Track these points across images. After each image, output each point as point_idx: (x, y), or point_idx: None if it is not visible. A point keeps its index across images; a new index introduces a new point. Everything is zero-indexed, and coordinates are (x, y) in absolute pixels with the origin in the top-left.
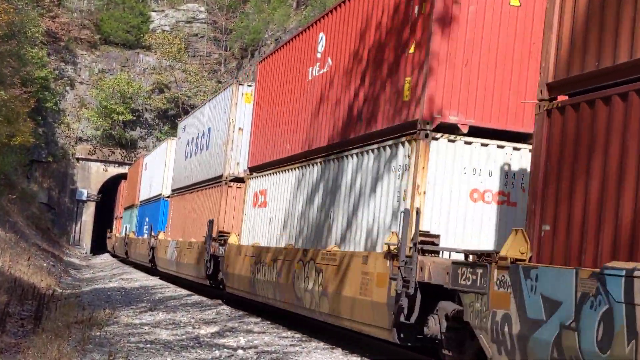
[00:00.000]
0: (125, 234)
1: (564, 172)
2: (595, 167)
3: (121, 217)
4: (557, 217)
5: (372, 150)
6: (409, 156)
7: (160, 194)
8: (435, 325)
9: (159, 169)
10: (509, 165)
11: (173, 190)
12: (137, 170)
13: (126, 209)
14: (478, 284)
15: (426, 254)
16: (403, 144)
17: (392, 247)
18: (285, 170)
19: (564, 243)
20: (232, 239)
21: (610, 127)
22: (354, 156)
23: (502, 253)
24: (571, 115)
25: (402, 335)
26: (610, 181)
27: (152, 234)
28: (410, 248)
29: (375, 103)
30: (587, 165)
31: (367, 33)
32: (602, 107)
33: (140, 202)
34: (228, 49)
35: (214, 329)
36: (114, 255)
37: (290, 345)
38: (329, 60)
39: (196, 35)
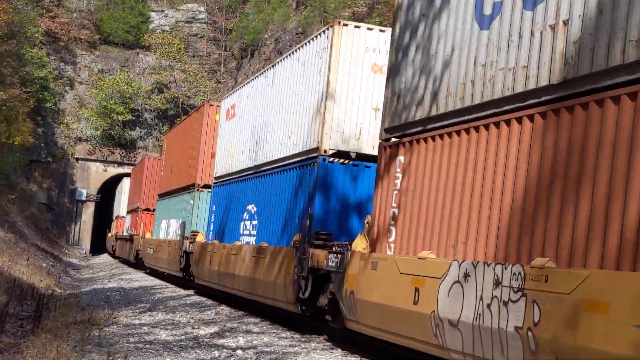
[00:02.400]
0: (182, 235)
1: None
2: None
3: (146, 211)
4: None
5: None
6: None
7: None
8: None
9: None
10: None
11: None
12: (195, 129)
13: (163, 196)
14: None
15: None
16: None
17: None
18: None
19: None
20: None
21: None
22: None
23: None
24: None
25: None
26: None
27: (348, 246)
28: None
29: None
30: None
31: None
32: None
33: (219, 179)
34: (228, 49)
35: (213, 329)
36: (132, 265)
37: (290, 345)
38: None
39: (196, 35)
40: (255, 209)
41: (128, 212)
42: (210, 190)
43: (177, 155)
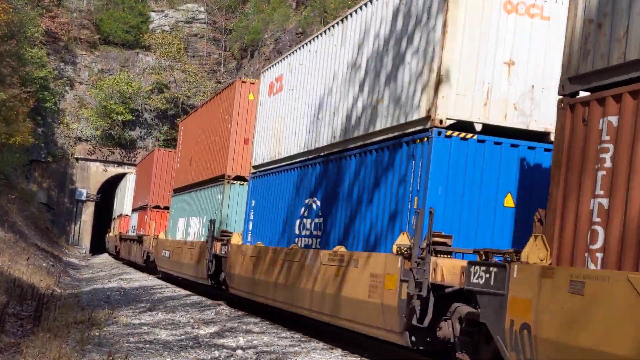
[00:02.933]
0: (210, 236)
1: None
2: None
3: (156, 208)
4: None
5: None
6: None
7: None
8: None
9: None
10: None
11: None
12: (223, 111)
13: (180, 191)
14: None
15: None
16: None
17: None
18: None
19: None
20: None
21: None
22: None
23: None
24: None
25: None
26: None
27: (512, 255)
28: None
29: None
30: None
31: None
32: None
33: (260, 168)
34: (227, 49)
35: (213, 329)
36: (141, 269)
37: (290, 345)
38: None
39: (196, 35)
40: (318, 203)
41: (134, 210)
42: (244, 182)
43: (198, 144)
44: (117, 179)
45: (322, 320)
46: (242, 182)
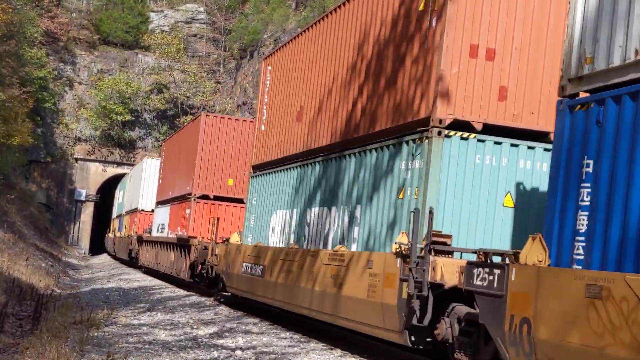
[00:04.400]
0: (418, 243)
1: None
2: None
3: (203, 199)
4: None
5: None
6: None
7: None
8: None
9: None
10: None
11: None
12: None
13: (271, 167)
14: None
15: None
16: None
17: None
18: None
19: None
20: None
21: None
22: None
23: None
24: None
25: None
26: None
27: None
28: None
29: None
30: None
31: None
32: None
33: None
34: (227, 50)
35: (212, 329)
36: (184, 286)
37: (289, 345)
38: None
39: (195, 35)
40: None
41: (160, 204)
42: (471, 134)
43: (319, 84)
44: (117, 179)
45: None
46: (465, 134)
